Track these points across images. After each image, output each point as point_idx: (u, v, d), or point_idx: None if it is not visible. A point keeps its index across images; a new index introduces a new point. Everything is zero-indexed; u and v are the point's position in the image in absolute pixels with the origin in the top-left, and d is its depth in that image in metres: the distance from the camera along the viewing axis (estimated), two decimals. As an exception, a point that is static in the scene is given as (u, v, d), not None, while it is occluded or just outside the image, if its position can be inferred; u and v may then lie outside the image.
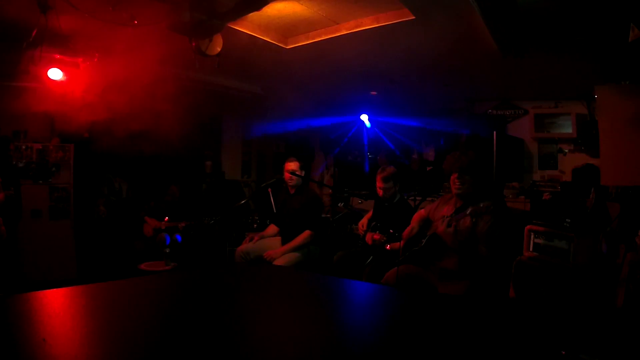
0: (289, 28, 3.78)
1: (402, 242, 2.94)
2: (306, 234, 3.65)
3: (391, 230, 3.16)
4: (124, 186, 5.71)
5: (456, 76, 4.91)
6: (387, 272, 2.82)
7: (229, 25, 3.11)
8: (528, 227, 3.23)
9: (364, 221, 3.60)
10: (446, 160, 2.84)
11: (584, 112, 5.36)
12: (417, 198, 3.81)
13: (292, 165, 3.80)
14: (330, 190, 4.70)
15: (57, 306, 1.59)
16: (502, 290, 3.11)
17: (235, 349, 1.24)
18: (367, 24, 3.46)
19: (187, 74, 4.88)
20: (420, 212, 3.02)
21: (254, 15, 3.26)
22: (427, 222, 2.94)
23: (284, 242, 3.75)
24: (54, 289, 1.69)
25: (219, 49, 3.08)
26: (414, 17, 3.17)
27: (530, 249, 3.19)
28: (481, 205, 2.42)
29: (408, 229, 2.93)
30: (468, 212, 2.46)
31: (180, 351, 1.17)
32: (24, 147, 4.55)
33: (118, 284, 1.91)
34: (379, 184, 3.47)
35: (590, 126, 4.88)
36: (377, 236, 3.24)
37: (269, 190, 4.80)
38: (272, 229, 4.08)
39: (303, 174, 3.83)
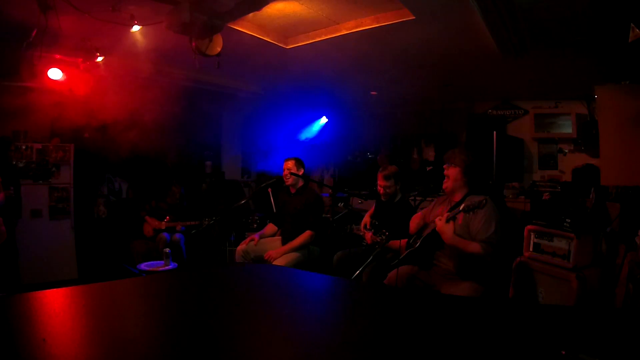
0: (289, 28, 3.78)
1: (403, 241, 2.94)
2: (307, 234, 3.64)
3: (384, 231, 3.17)
4: (124, 186, 5.71)
5: (456, 76, 4.91)
6: (390, 273, 2.81)
7: (229, 25, 3.11)
8: (528, 227, 3.23)
9: (366, 219, 3.59)
10: None
11: (584, 112, 5.36)
12: (418, 198, 3.82)
13: (289, 164, 3.82)
14: (331, 190, 4.69)
15: (57, 306, 1.59)
16: (502, 290, 3.11)
17: (235, 348, 1.24)
18: (367, 24, 3.46)
19: (187, 74, 4.88)
20: (417, 215, 3.02)
21: (254, 15, 3.26)
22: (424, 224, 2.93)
23: (284, 242, 3.74)
24: (54, 289, 1.69)
25: (219, 49, 3.08)
26: (414, 17, 3.17)
27: (530, 249, 3.19)
28: (474, 201, 2.39)
29: (414, 222, 2.95)
30: (461, 208, 2.43)
31: (180, 351, 1.17)
32: (24, 147, 4.55)
33: (118, 284, 1.90)
34: (380, 182, 3.47)
35: (590, 126, 4.89)
36: (376, 238, 3.24)
37: (269, 190, 4.80)
38: (271, 228, 4.08)
39: (301, 172, 3.83)
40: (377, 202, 3.64)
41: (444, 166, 2.77)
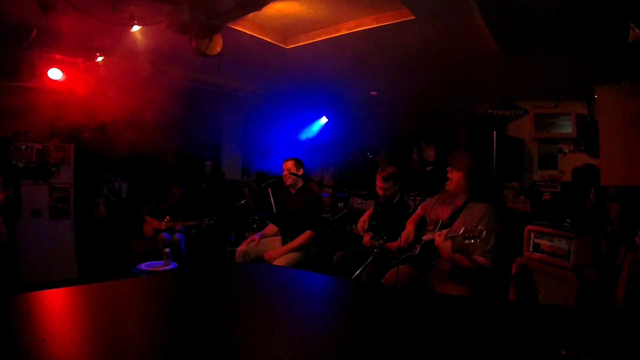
0: (289, 28, 3.78)
1: (399, 242, 2.93)
2: (307, 234, 3.64)
3: (382, 235, 3.15)
4: (124, 186, 5.71)
5: (456, 76, 4.91)
6: (388, 272, 2.81)
7: (229, 25, 3.11)
8: (528, 227, 3.23)
9: (365, 218, 3.58)
10: None
11: (584, 112, 5.36)
12: (418, 198, 3.81)
13: (288, 164, 3.82)
14: (331, 190, 4.69)
15: (57, 306, 1.59)
16: (501, 291, 3.11)
17: (235, 349, 1.24)
18: (367, 24, 3.46)
19: (187, 74, 4.88)
20: (417, 212, 3.00)
21: (254, 15, 3.26)
22: (423, 220, 2.92)
23: (284, 242, 3.74)
24: (54, 289, 1.69)
25: (219, 49, 3.08)
26: (414, 17, 3.18)
27: (530, 249, 3.19)
28: (476, 226, 2.33)
29: (405, 233, 2.89)
30: (461, 232, 2.37)
31: (180, 351, 1.17)
32: (24, 147, 4.55)
33: (118, 284, 1.90)
34: (378, 183, 3.47)
35: (590, 126, 4.89)
36: (374, 242, 3.24)
37: (269, 190, 4.81)
38: (271, 228, 4.08)
39: (300, 172, 3.83)
40: (376, 202, 3.64)
41: (448, 168, 2.75)
